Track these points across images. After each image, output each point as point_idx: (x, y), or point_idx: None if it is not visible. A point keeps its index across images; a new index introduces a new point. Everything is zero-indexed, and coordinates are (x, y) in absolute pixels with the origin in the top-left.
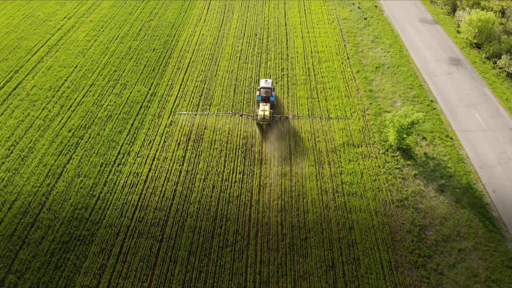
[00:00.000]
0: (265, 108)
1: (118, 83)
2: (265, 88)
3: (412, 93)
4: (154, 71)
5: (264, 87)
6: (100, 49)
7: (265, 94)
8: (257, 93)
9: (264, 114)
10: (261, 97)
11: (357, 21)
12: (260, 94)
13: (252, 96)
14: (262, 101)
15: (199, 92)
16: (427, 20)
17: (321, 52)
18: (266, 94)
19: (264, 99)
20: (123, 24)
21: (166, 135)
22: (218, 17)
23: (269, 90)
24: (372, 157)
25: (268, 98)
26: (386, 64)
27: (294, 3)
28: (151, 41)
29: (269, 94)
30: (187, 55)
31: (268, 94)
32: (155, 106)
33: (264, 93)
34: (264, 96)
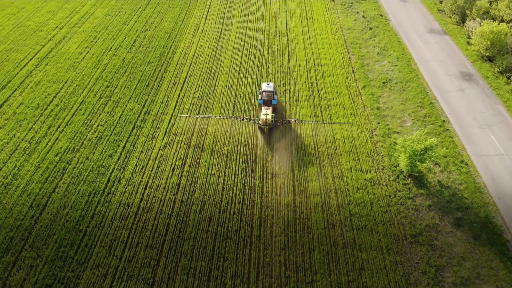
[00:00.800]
0: (267, 112)
1: (110, 100)
2: (267, 92)
3: (423, 112)
4: (148, 87)
5: (266, 90)
6: (92, 62)
7: (267, 98)
8: (258, 96)
9: (266, 118)
10: (263, 101)
11: (362, 31)
12: (262, 98)
13: (253, 114)
14: (264, 104)
15: (196, 110)
16: (435, 30)
17: (324, 65)
18: (268, 97)
19: (266, 102)
20: (117, 34)
21: (160, 159)
22: (217, 27)
23: (271, 93)
24: (382, 185)
25: (270, 102)
26: (393, 79)
27: (295, 12)
28: (146, 53)
29: (271, 98)
30: (183, 68)
31: (270, 98)
32: (148, 126)
33: (266, 96)
34: (266, 100)
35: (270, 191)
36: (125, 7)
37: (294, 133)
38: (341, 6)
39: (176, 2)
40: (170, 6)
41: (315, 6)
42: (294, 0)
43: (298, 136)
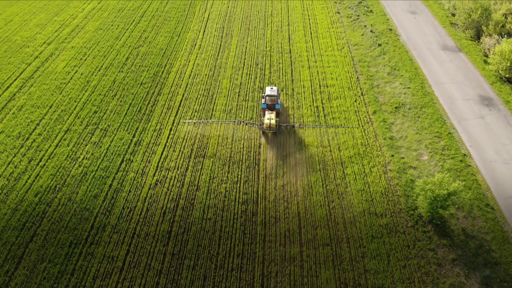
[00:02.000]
0: (271, 116)
1: (98, 129)
2: (271, 96)
3: (441, 143)
4: (140, 112)
5: (269, 94)
6: (80, 83)
7: (271, 102)
8: (262, 100)
9: (270, 122)
10: (267, 105)
11: (370, 47)
12: (266, 102)
13: (253, 144)
14: (267, 109)
15: (192, 139)
16: (449, 47)
17: (331, 86)
18: (272, 102)
19: (269, 107)
20: (108, 51)
21: (150, 200)
22: (215, 42)
23: (275, 97)
24: (399, 232)
25: (274, 106)
26: (407, 103)
27: (299, 25)
28: (138, 73)
29: (275, 102)
30: (179, 90)
31: (274, 102)
32: (138, 160)
33: (270, 101)
34: (269, 104)
35: (274, 240)
36: (118, 20)
37: (301, 167)
38: (347, 18)
39: (173, 14)
40: (166, 18)
41: (320, 19)
42: (297, 13)
43: (305, 171)
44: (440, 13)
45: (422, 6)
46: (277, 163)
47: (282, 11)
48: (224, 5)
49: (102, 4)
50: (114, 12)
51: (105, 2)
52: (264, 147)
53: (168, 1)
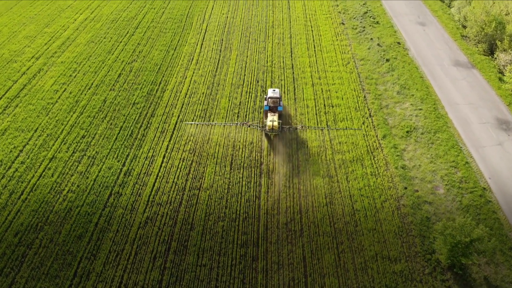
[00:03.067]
0: (274, 118)
1: (85, 156)
2: (273, 98)
3: (458, 175)
4: (131, 137)
5: (271, 97)
6: (68, 103)
7: (273, 104)
8: (264, 102)
9: (273, 124)
10: (269, 107)
11: (378, 62)
12: (268, 104)
13: (253, 173)
14: (270, 111)
15: (186, 168)
16: (461, 62)
17: (336, 106)
18: (274, 104)
19: (272, 109)
20: (99, 66)
21: (139, 241)
22: (213, 57)
23: (277, 100)
24: (416, 281)
25: (276, 108)
26: (419, 127)
27: (301, 37)
28: (131, 91)
29: (277, 104)
30: (174, 111)
31: (276, 104)
32: (128, 193)
33: (272, 103)
34: (272, 106)
35: None
36: (111, 32)
37: (305, 201)
38: (352, 30)
39: (169, 26)
40: (162, 30)
41: (323, 30)
42: (300, 24)
43: (310, 206)
44: (450, 24)
45: (431, 16)
46: (279, 196)
47: (284, 22)
48: (223, 16)
49: (95, 14)
50: (107, 23)
51: (98, 12)
52: (264, 177)
53: (164, 11)
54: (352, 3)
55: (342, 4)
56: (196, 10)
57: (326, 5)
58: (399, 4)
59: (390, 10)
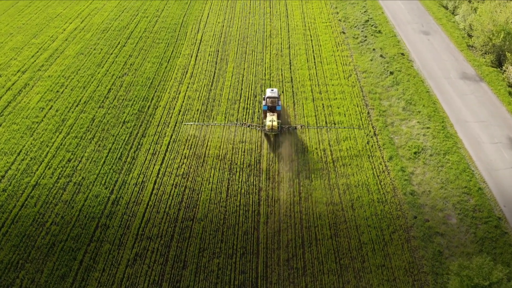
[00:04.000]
0: (273, 118)
1: (71, 182)
2: (271, 98)
3: (471, 202)
4: (121, 160)
5: (270, 96)
6: (54, 122)
7: (272, 104)
8: (263, 102)
9: (272, 124)
10: (268, 107)
11: (381, 75)
12: (266, 104)
13: (251, 200)
14: (268, 110)
15: (179, 196)
16: (469, 75)
17: (338, 123)
18: (273, 103)
19: (270, 108)
20: (88, 81)
21: (127, 282)
22: (209, 69)
23: (276, 99)
24: None
25: (275, 108)
26: (427, 148)
27: (300, 47)
28: (121, 109)
29: (276, 104)
30: (166, 130)
31: (275, 104)
32: (116, 225)
33: (271, 102)
34: (270, 106)
35: None
36: (102, 43)
37: (308, 232)
38: (353, 40)
39: (162, 36)
40: (155, 40)
41: (323, 40)
42: (299, 33)
43: (314, 238)
44: (455, 33)
45: (435, 25)
46: (280, 226)
47: (282, 31)
48: (219, 25)
49: (85, 23)
50: (98, 33)
51: (88, 21)
52: (263, 205)
53: (158, 19)
54: (352, 10)
55: (342, 12)
56: (191, 18)
57: (325, 13)
58: (401, 12)
59: (393, 18)
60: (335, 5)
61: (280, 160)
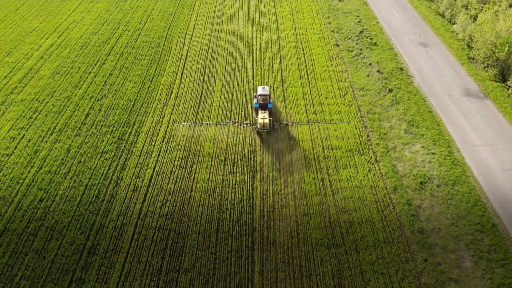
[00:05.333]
0: (265, 115)
1: (43, 227)
2: (263, 96)
3: (485, 241)
4: (98, 198)
5: (261, 94)
6: (26, 154)
7: (263, 102)
8: (254, 100)
9: (264, 122)
10: (259, 104)
11: (379, 93)
12: (258, 101)
13: (244, 244)
14: (260, 108)
15: (163, 242)
16: (472, 92)
17: (336, 148)
18: (264, 101)
19: (262, 106)
20: (64, 105)
21: None
22: (196, 89)
23: (267, 97)
24: None
25: (266, 105)
26: (434, 177)
27: (292, 62)
28: (100, 137)
29: (267, 101)
30: (149, 161)
31: (266, 101)
32: (92, 279)
33: (262, 100)
34: (262, 104)
35: None
36: (80, 60)
37: (309, 284)
38: (348, 53)
39: (145, 51)
40: (137, 57)
41: (316, 53)
42: (290, 46)
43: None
44: (455, 44)
45: (433, 36)
46: (277, 276)
47: (273, 44)
48: (205, 38)
49: (62, 38)
50: (76, 50)
51: (66, 36)
52: (258, 250)
53: (140, 33)
54: (345, 20)
55: (335, 22)
56: (176, 31)
57: (317, 23)
58: (397, 22)
59: (388, 29)
60: (327, 15)
61: (275, 194)
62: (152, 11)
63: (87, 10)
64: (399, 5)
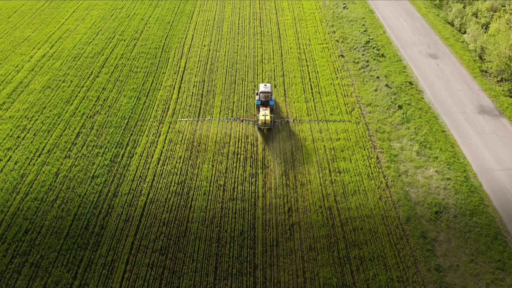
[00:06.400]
0: (266, 112)
1: (27, 263)
2: (264, 93)
3: (507, 281)
4: (87, 230)
5: (263, 91)
6: (11, 179)
7: (265, 99)
8: (256, 97)
9: (265, 119)
10: (261, 102)
11: (388, 110)
12: (260, 99)
13: (245, 285)
14: (261, 105)
15: (157, 281)
16: (486, 108)
17: (344, 172)
18: (266, 98)
19: (263, 103)
20: (54, 123)
21: None
22: (193, 104)
23: (268, 94)
24: None
25: (268, 103)
26: (450, 206)
27: (296, 75)
28: (91, 159)
29: (269, 99)
30: (143, 186)
31: (268, 99)
32: None
33: (264, 97)
34: (263, 101)
35: None
36: (72, 73)
37: None
38: (353, 65)
39: (141, 63)
40: (133, 69)
41: (320, 65)
42: (293, 57)
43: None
44: (466, 56)
45: (442, 46)
46: None
47: (275, 55)
48: (204, 48)
49: (55, 48)
50: (68, 61)
51: (59, 46)
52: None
53: (136, 43)
54: (351, 29)
55: (340, 31)
56: (173, 41)
57: (321, 32)
58: (405, 31)
59: (396, 39)
60: (331, 23)
61: (278, 224)
62: (149, 19)
63: (81, 18)
64: (406, 13)
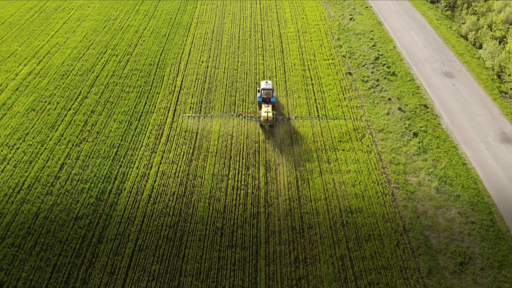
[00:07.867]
0: (268, 109)
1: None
2: (266, 90)
3: None
4: (67, 285)
5: (264, 88)
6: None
7: (266, 96)
8: (258, 94)
9: (268, 115)
10: (262, 98)
11: (402, 137)
12: (261, 96)
13: None
14: (263, 102)
15: None
16: (510, 137)
17: (356, 212)
18: (267, 95)
19: (265, 100)
20: (37, 152)
21: None
22: (190, 130)
23: (270, 91)
24: None
25: (269, 99)
26: (476, 256)
27: (300, 95)
28: (75, 196)
29: (270, 95)
30: (131, 230)
31: (269, 96)
32: None
33: (265, 94)
34: (265, 98)
35: None
36: (59, 93)
37: None
38: (362, 84)
39: (134, 81)
40: (124, 88)
41: (326, 83)
42: (297, 74)
43: None
44: (483, 74)
45: (458, 64)
46: None
47: (278, 71)
48: (202, 65)
49: (42, 65)
50: (56, 80)
51: (46, 62)
52: None
53: (129, 59)
54: (358, 43)
55: (347, 45)
56: (169, 56)
57: (326, 46)
58: (417, 46)
59: (407, 55)
60: (337, 36)
61: (284, 278)
62: (144, 31)
63: (72, 30)
64: (416, 25)
